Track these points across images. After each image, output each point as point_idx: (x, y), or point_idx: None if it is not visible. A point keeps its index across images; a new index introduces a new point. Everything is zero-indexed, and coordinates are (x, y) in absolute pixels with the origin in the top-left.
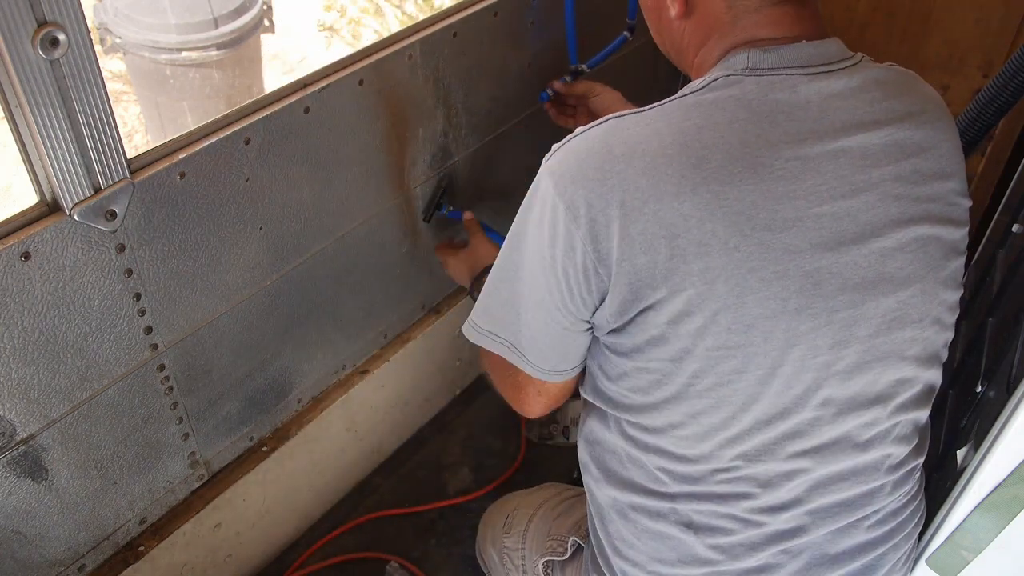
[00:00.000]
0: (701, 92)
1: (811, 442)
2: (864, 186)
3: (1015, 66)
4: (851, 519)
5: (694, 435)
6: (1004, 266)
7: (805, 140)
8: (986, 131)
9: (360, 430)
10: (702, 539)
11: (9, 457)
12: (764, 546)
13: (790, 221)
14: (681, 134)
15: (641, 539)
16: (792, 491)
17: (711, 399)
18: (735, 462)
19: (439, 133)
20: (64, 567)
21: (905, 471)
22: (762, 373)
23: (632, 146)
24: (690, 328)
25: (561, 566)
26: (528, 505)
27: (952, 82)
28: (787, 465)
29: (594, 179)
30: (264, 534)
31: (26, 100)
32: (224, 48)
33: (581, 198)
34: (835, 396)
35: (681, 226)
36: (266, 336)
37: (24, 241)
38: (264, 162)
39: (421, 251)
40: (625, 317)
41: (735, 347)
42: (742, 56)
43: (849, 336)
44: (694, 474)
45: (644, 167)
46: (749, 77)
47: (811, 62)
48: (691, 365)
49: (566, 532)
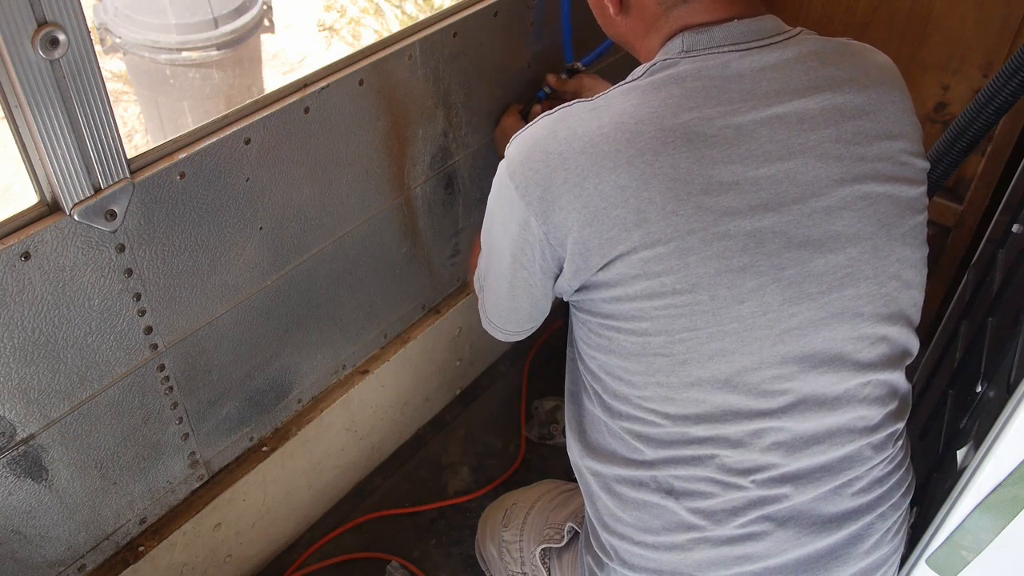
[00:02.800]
0: (641, 78)
1: (776, 400)
2: (801, 148)
3: (1014, 66)
4: (833, 484)
5: (656, 396)
6: (1004, 266)
7: (738, 109)
8: (986, 130)
9: (360, 430)
10: (683, 503)
11: (9, 457)
12: (746, 510)
13: (727, 185)
14: (619, 114)
15: (626, 511)
16: (766, 453)
17: (667, 358)
18: (702, 422)
19: (439, 133)
20: (64, 567)
21: (884, 435)
22: (713, 330)
23: (574, 129)
24: (638, 290)
25: (558, 553)
26: (526, 500)
27: (952, 82)
28: (754, 424)
29: (540, 161)
30: (264, 534)
31: (26, 100)
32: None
33: (529, 180)
34: (793, 352)
35: (619, 197)
36: (266, 336)
37: (24, 241)
38: (264, 162)
39: (421, 251)
40: (580, 281)
41: (683, 306)
42: (677, 41)
43: (800, 293)
44: (666, 438)
45: (583, 146)
46: (684, 59)
47: (744, 39)
48: (643, 324)
49: (562, 520)
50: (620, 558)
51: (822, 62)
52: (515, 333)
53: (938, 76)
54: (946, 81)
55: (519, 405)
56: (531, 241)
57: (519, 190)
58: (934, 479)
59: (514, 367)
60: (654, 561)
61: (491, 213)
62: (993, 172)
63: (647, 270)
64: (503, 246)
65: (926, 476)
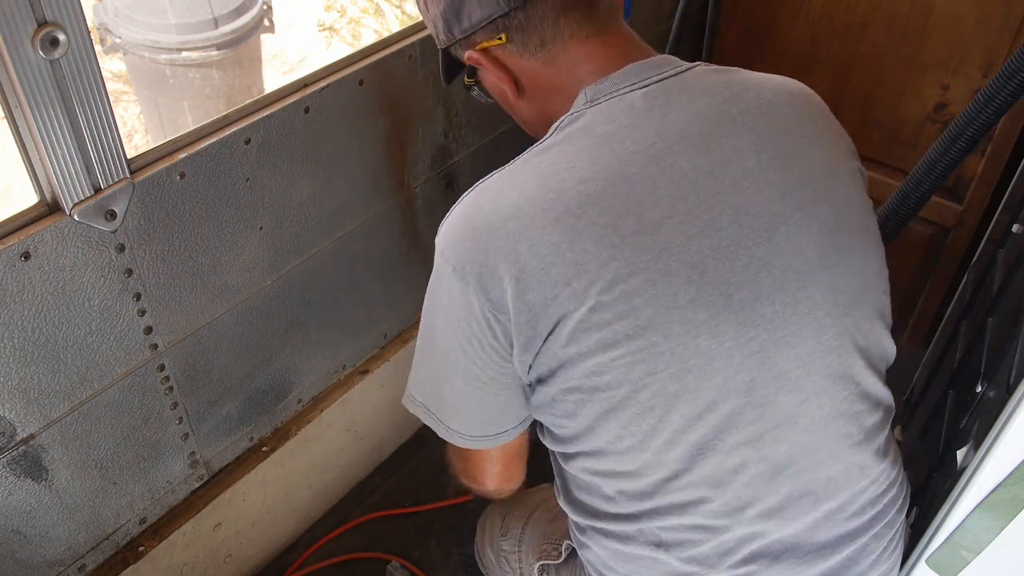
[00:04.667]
0: (552, 136)
1: (749, 429)
2: (725, 171)
3: (1014, 66)
4: (822, 510)
5: (631, 447)
6: (1004, 266)
7: (653, 144)
8: (985, 130)
9: (360, 430)
10: (674, 554)
11: (9, 457)
12: (737, 550)
13: (658, 220)
14: (538, 176)
15: (619, 563)
16: (747, 487)
17: (634, 407)
18: (680, 466)
19: (439, 133)
20: (64, 567)
21: (870, 452)
22: (674, 371)
23: (497, 198)
24: (591, 344)
25: (556, 569)
26: (524, 507)
27: (952, 82)
28: (732, 459)
29: (469, 238)
30: (264, 534)
31: (26, 100)
32: (224, 48)
33: (463, 259)
34: (760, 378)
35: (554, 254)
36: (266, 336)
37: (24, 241)
38: (264, 162)
39: (421, 251)
40: (532, 351)
41: (639, 351)
42: (580, 97)
43: (754, 315)
44: (647, 489)
45: (509, 213)
46: (589, 109)
47: (642, 77)
48: (603, 378)
49: (560, 537)
50: None
51: (726, 86)
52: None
53: (938, 76)
54: (946, 81)
55: None
56: (477, 323)
57: (456, 272)
58: (934, 479)
59: None
60: None
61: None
62: (993, 172)
63: (596, 321)
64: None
65: (926, 476)
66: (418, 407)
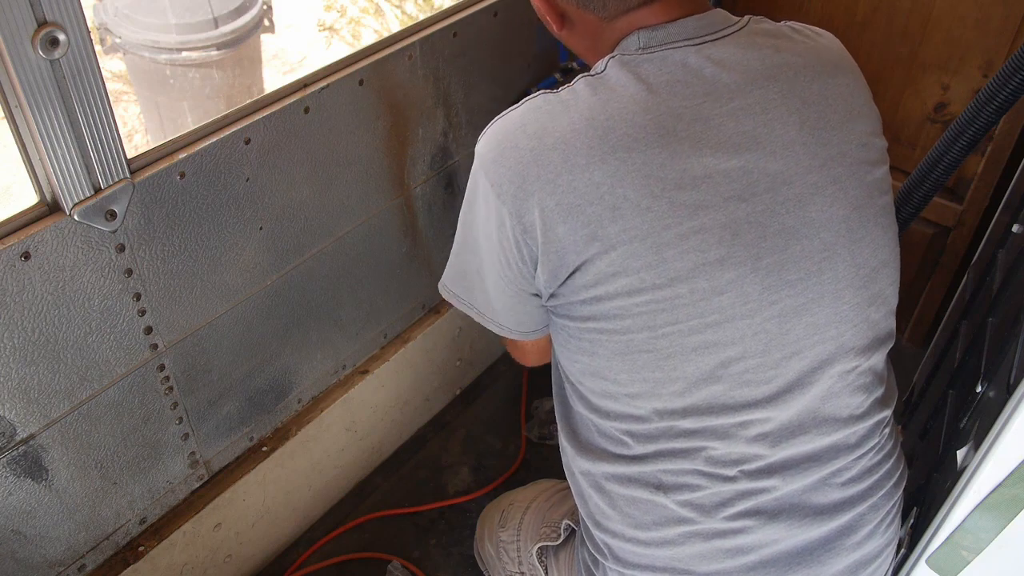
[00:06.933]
0: (604, 72)
1: (760, 390)
2: (768, 138)
3: (1014, 65)
4: (821, 474)
5: (643, 392)
6: (1004, 266)
7: (703, 103)
8: (985, 130)
9: (360, 430)
10: (672, 497)
11: (9, 457)
12: (734, 501)
13: (699, 179)
14: (589, 110)
15: (616, 508)
16: (751, 444)
17: (651, 354)
18: (688, 416)
19: (439, 133)
20: (64, 567)
21: (871, 423)
22: (695, 323)
23: (544, 124)
24: (618, 287)
25: (555, 552)
26: (523, 499)
27: (952, 82)
28: (740, 416)
29: (511, 157)
30: (264, 534)
31: (26, 100)
32: (224, 48)
33: (502, 177)
34: (775, 341)
35: (594, 194)
36: (266, 336)
37: (24, 241)
38: (264, 162)
39: (421, 251)
40: (557, 282)
41: (663, 300)
42: (633, 38)
43: (779, 281)
44: (654, 433)
45: (554, 142)
46: (643, 55)
47: (697, 33)
48: (624, 322)
49: (559, 518)
50: (614, 555)
51: (776, 50)
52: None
53: (938, 76)
54: (946, 81)
55: (519, 405)
56: (506, 240)
57: (494, 188)
58: (934, 479)
59: (514, 367)
60: (647, 557)
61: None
62: (993, 172)
63: (625, 266)
64: (480, 243)
65: (926, 476)
66: (452, 296)
